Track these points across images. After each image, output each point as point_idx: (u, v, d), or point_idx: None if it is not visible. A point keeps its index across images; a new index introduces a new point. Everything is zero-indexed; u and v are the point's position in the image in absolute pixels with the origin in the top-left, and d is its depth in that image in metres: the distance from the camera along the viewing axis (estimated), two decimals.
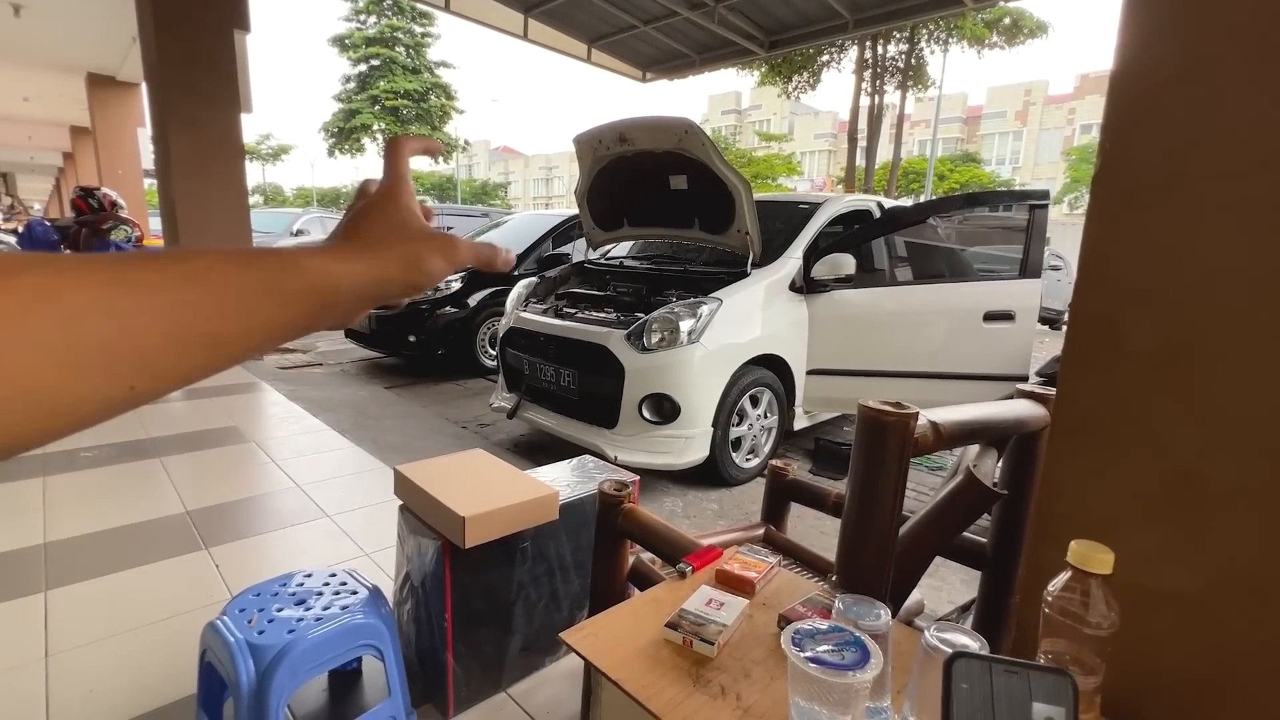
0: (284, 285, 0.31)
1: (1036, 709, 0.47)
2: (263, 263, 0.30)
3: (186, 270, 0.27)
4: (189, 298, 0.27)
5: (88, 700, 1.52)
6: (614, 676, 0.71)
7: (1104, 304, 0.68)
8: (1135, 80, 0.65)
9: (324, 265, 0.32)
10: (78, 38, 7.24)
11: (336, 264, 0.33)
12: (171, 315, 0.26)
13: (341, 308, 0.34)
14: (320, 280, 0.32)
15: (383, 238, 0.37)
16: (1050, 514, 0.76)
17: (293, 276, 0.31)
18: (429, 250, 0.38)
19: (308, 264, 0.32)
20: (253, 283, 0.29)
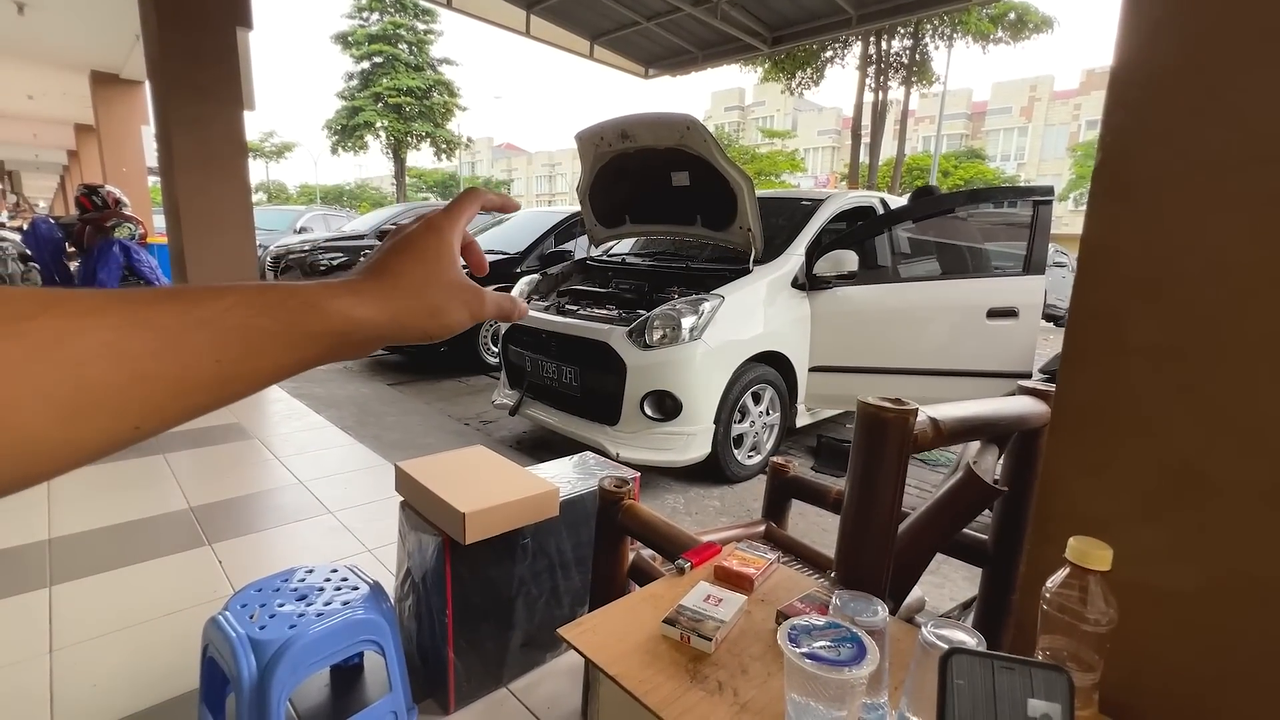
0: (302, 328, 0.30)
1: (1032, 705, 0.47)
2: (285, 305, 0.30)
3: (203, 314, 0.27)
4: (203, 342, 0.27)
5: (91, 695, 1.53)
6: (611, 672, 0.71)
7: (1104, 299, 0.68)
8: (1135, 75, 0.64)
9: (347, 309, 0.32)
10: (81, 35, 7.26)
11: (359, 309, 0.32)
12: (183, 360, 0.26)
13: (352, 349, 0.33)
14: (339, 324, 0.32)
15: (413, 281, 0.36)
16: (1049, 511, 0.75)
17: (314, 319, 0.31)
18: (456, 304, 0.37)
19: (330, 307, 0.31)
20: (270, 326, 0.29)
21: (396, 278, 0.35)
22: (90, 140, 11.01)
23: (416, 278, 0.36)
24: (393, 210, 9.25)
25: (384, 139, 28.16)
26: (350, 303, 0.32)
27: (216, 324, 0.27)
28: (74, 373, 0.23)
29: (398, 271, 0.36)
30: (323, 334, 0.31)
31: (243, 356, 0.28)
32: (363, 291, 0.33)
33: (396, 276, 0.35)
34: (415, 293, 0.35)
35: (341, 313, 0.32)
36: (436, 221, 0.38)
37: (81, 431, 0.24)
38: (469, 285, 0.38)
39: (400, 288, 0.35)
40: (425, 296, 0.36)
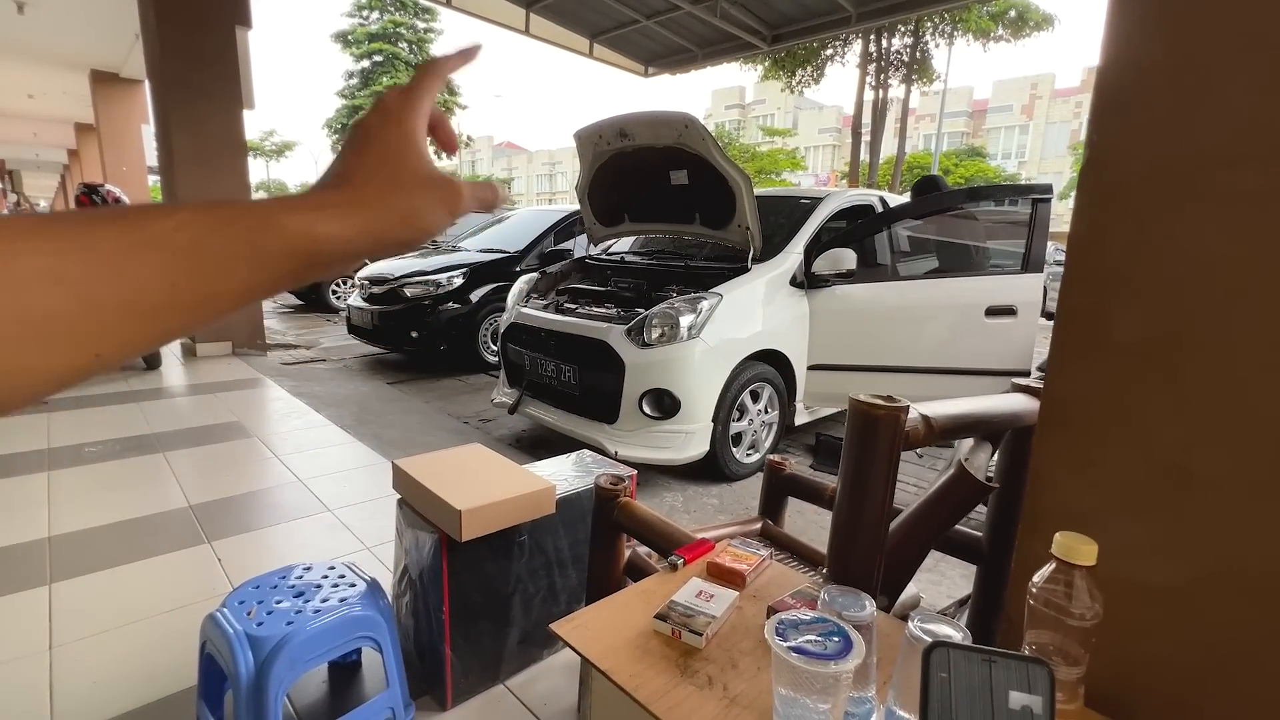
0: (262, 247, 0.28)
1: (1013, 697, 0.47)
2: (239, 223, 0.27)
3: (149, 233, 0.25)
4: (153, 264, 0.25)
5: (91, 691, 1.54)
6: (602, 666, 0.72)
7: (1091, 296, 0.68)
8: (1122, 73, 0.65)
9: (308, 226, 0.29)
10: (81, 35, 7.26)
11: (322, 224, 0.29)
12: (133, 283, 0.24)
13: (325, 268, 0.31)
14: (303, 243, 0.29)
15: (380, 186, 0.32)
16: (1038, 507, 0.76)
17: (272, 237, 0.28)
18: (431, 203, 0.33)
19: (289, 224, 0.28)
20: (225, 246, 0.27)
21: (361, 185, 0.32)
22: (90, 139, 11.02)
23: (382, 181, 0.32)
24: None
25: None
26: (313, 219, 0.29)
27: (165, 244, 0.25)
28: (14, 300, 0.22)
29: (362, 177, 0.32)
30: (287, 253, 0.29)
31: (200, 278, 0.26)
32: (326, 205, 0.30)
33: (361, 183, 0.32)
34: (384, 199, 0.32)
35: (304, 230, 0.29)
36: (394, 108, 0.34)
37: (34, 360, 0.23)
38: (442, 179, 0.34)
39: (367, 196, 0.32)
40: (396, 201, 0.32)
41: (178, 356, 5.38)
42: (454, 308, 5.13)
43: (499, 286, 5.17)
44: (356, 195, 0.31)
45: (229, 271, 0.27)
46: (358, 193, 0.31)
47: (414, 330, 5.09)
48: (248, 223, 0.28)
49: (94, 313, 0.24)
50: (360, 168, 0.32)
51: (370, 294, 5.35)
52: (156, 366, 4.83)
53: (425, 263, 5.41)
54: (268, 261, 0.28)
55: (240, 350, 5.57)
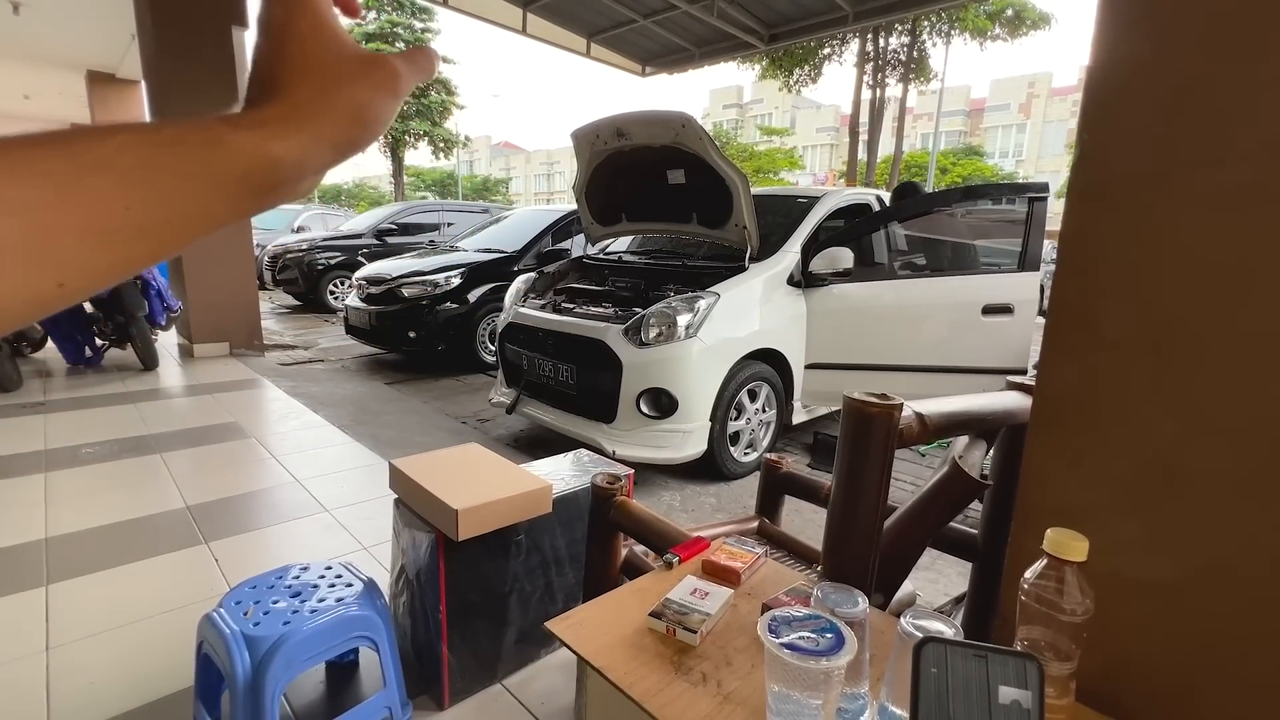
0: (212, 168, 0.27)
1: (1003, 691, 0.48)
2: (183, 141, 0.26)
3: (94, 155, 0.24)
4: (101, 186, 0.24)
5: (88, 692, 1.54)
6: (597, 664, 0.72)
7: (1082, 293, 0.69)
8: (1111, 71, 0.65)
9: (256, 146, 0.28)
10: (77, 35, 7.24)
11: (273, 143, 0.28)
12: (84, 207, 0.23)
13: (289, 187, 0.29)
14: (255, 163, 0.28)
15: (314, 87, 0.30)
16: (1030, 503, 0.76)
17: (220, 157, 0.27)
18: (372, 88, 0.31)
19: (235, 141, 0.27)
20: (173, 165, 0.26)
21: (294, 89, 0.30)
22: None
23: (315, 80, 0.30)
24: (391, 209, 9.25)
25: (381, 138, 28.10)
26: (259, 136, 0.28)
27: (113, 166, 0.24)
28: None
29: (292, 82, 0.30)
30: (244, 174, 0.27)
31: (155, 201, 0.25)
32: (269, 122, 0.28)
33: (294, 88, 0.30)
34: (324, 100, 0.30)
35: (254, 150, 0.27)
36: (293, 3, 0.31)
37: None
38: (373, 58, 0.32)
39: (304, 102, 0.29)
40: (337, 99, 0.30)
41: (175, 357, 5.37)
42: (452, 308, 5.13)
43: (497, 286, 5.17)
44: (293, 103, 0.29)
45: (183, 192, 0.26)
46: (293, 99, 0.29)
47: (412, 330, 5.09)
48: (191, 140, 0.26)
49: (50, 238, 0.23)
50: (285, 71, 0.30)
51: (368, 294, 5.34)
52: (154, 367, 4.83)
53: (423, 263, 5.41)
54: (223, 183, 0.27)
55: (238, 351, 5.56)
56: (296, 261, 8.25)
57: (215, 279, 5.27)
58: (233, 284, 5.38)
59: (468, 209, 9.57)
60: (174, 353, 5.51)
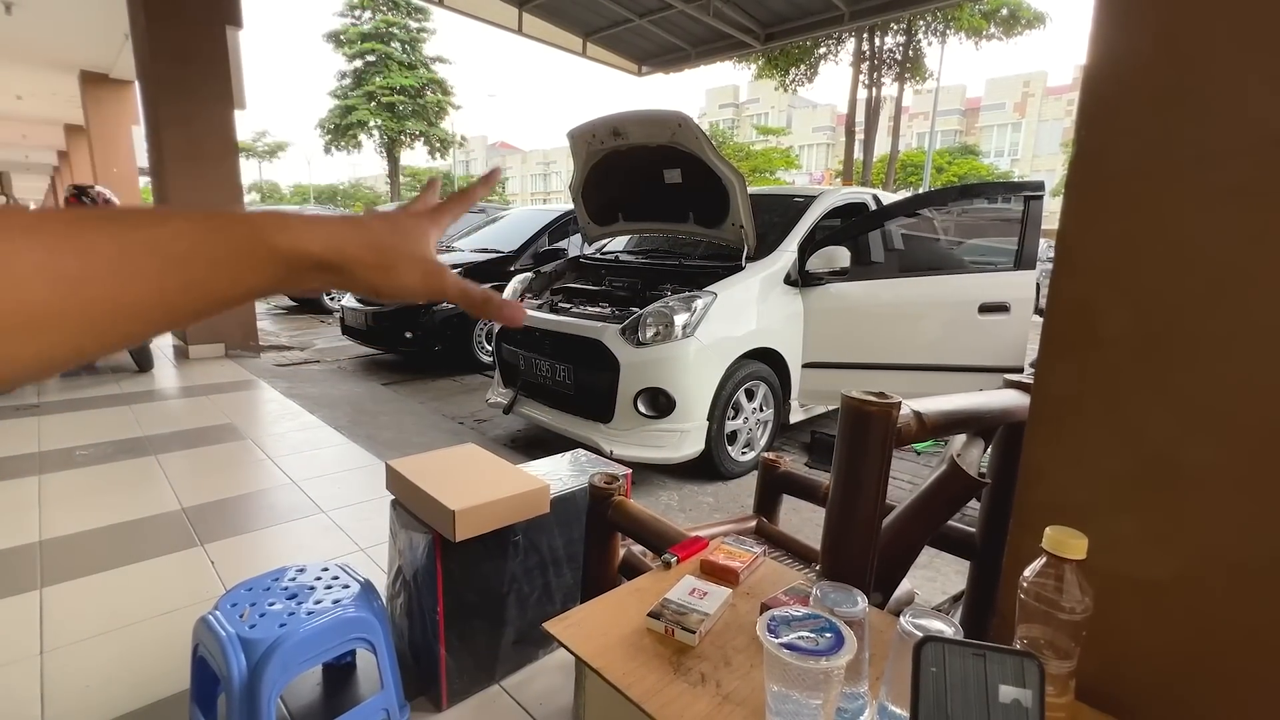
0: (250, 258, 0.30)
1: (1003, 691, 0.47)
2: (231, 234, 0.29)
3: (145, 239, 0.26)
4: (145, 268, 0.26)
5: (83, 695, 1.53)
6: (595, 665, 0.72)
7: (1080, 290, 0.69)
8: (1108, 68, 0.65)
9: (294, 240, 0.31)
10: (70, 35, 7.21)
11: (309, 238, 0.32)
12: (123, 285, 0.26)
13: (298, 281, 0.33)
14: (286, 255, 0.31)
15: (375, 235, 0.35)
16: (1029, 502, 0.76)
17: (260, 249, 0.30)
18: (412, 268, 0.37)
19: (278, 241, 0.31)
20: (216, 254, 0.28)
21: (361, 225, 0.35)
22: (80, 140, 10.94)
23: (381, 232, 0.36)
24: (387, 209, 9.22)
25: (377, 138, 28.06)
26: (302, 232, 0.31)
27: (157, 251, 0.27)
28: (9, 295, 0.23)
29: (364, 222, 0.36)
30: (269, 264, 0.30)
31: (185, 285, 0.28)
32: (318, 225, 0.33)
33: (361, 224, 0.35)
34: (373, 242, 0.35)
35: (291, 244, 0.31)
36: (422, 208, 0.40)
37: (16, 350, 0.23)
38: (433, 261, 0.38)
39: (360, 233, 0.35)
40: (383, 251, 0.35)
41: (170, 358, 5.35)
42: (448, 308, 5.11)
43: (494, 286, 5.13)
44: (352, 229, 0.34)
45: (215, 278, 0.29)
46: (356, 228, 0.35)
47: (408, 331, 5.08)
48: (239, 233, 0.30)
49: (84, 309, 0.25)
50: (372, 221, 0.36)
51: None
52: (149, 369, 4.80)
53: None
54: (249, 273, 0.30)
55: (233, 352, 5.54)
56: None
57: None
58: None
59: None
60: (169, 354, 5.49)
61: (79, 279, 0.24)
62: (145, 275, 0.26)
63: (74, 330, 0.25)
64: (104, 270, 0.25)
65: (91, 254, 0.25)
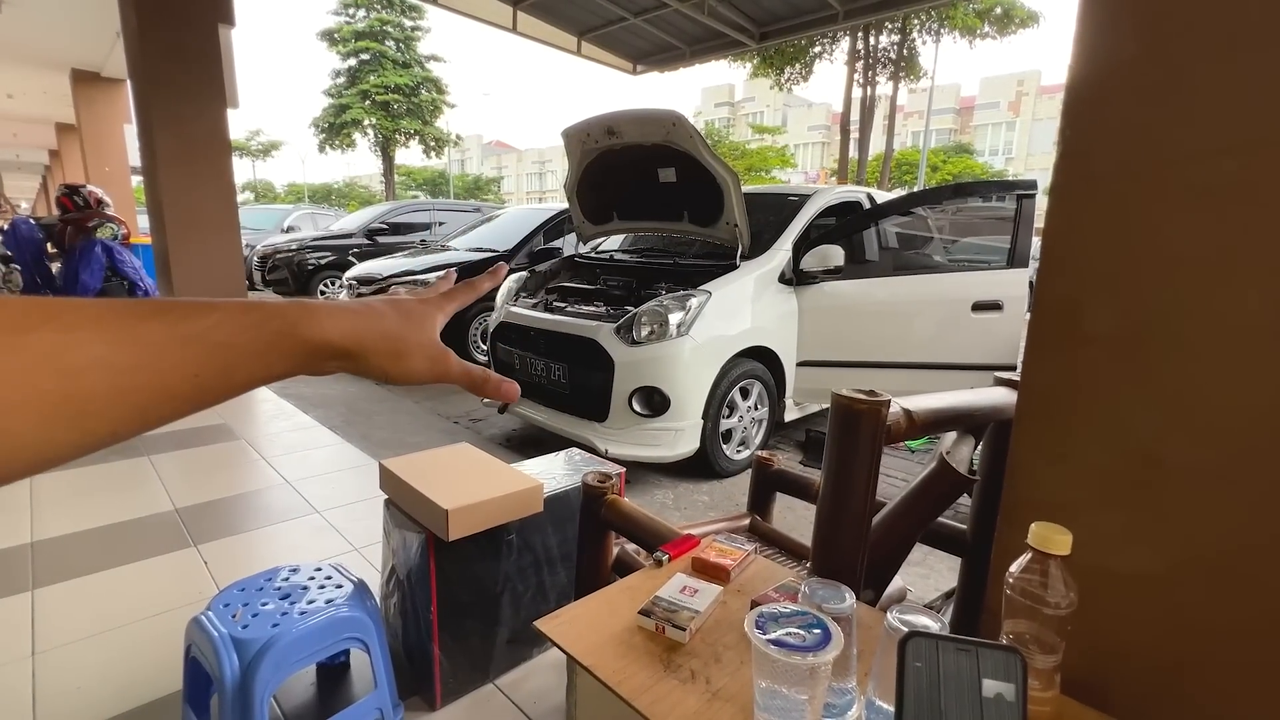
0: (279, 349, 0.32)
1: (987, 685, 0.48)
2: (266, 327, 0.32)
3: (189, 330, 0.28)
4: (185, 358, 0.28)
5: (75, 697, 1.52)
6: (586, 663, 0.72)
7: (1066, 288, 0.69)
8: (1094, 66, 0.65)
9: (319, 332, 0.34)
10: (61, 34, 7.16)
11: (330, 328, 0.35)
12: (165, 373, 0.27)
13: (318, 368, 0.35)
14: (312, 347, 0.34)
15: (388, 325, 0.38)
16: (1016, 498, 0.77)
17: (290, 341, 0.33)
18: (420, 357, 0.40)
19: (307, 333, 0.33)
20: (250, 345, 0.31)
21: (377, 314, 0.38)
22: (72, 139, 10.86)
23: (393, 321, 0.39)
24: (382, 208, 9.20)
25: (372, 137, 27.96)
26: (326, 323, 0.34)
27: (200, 340, 0.29)
28: (66, 383, 0.24)
29: (380, 311, 0.39)
30: (296, 354, 0.33)
31: (220, 371, 0.30)
32: (338, 314, 0.35)
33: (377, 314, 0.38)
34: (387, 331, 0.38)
35: (317, 335, 0.34)
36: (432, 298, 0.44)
37: (61, 435, 0.25)
38: (438, 346, 0.41)
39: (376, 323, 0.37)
40: (395, 339, 0.38)
41: None
42: None
43: None
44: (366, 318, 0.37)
45: (242, 367, 0.31)
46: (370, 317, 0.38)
47: None
48: (273, 326, 0.32)
49: (125, 397, 0.26)
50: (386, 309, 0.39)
51: (359, 294, 5.32)
52: None
53: (414, 262, 5.38)
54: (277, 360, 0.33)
55: None
56: (286, 261, 8.19)
57: (203, 279, 5.22)
58: (221, 284, 5.33)
59: (459, 208, 9.53)
60: None
61: (127, 368, 0.26)
62: (184, 364, 0.28)
63: (115, 416, 0.26)
64: (149, 359, 0.27)
65: (141, 345, 0.27)
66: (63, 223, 4.59)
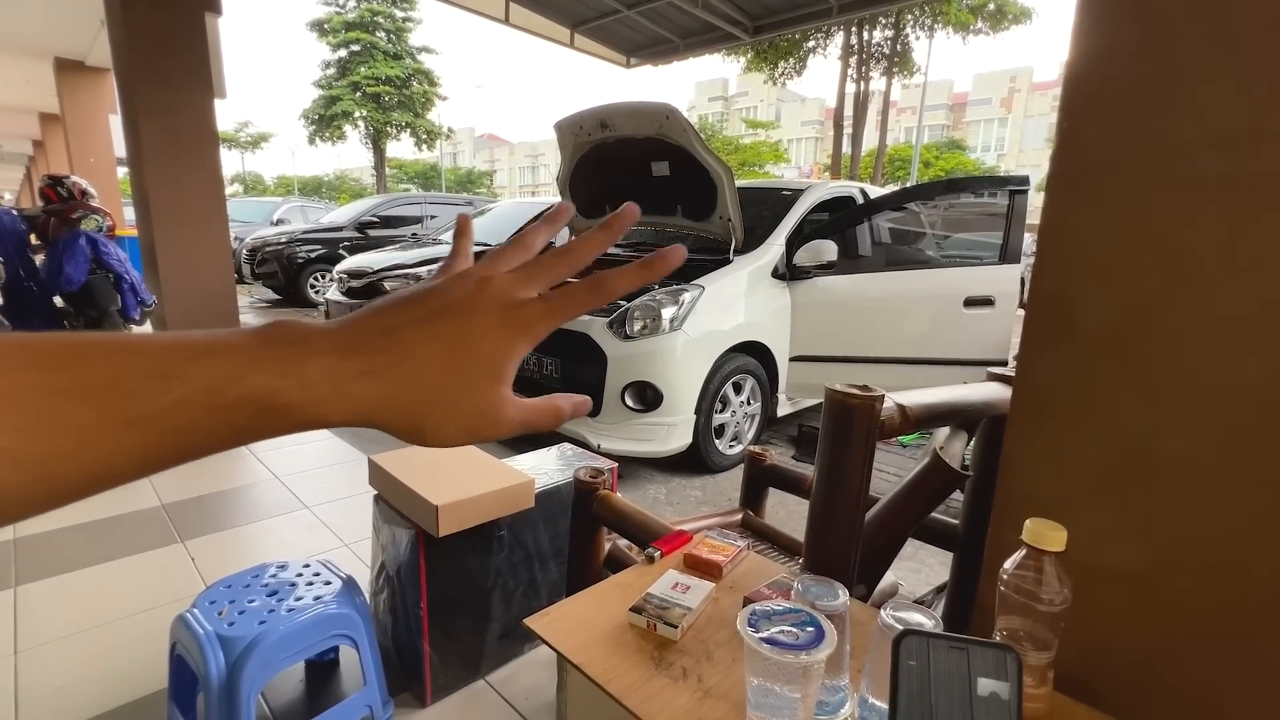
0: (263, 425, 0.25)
1: (981, 684, 0.47)
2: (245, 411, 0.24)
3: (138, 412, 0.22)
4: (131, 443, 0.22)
5: (58, 695, 1.50)
6: (576, 661, 0.71)
7: (1061, 283, 0.69)
8: (1092, 61, 0.64)
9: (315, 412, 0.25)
10: (43, 21, 7.02)
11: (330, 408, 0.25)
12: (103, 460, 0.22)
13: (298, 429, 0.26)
14: (300, 418, 0.25)
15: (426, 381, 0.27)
16: (1010, 494, 0.76)
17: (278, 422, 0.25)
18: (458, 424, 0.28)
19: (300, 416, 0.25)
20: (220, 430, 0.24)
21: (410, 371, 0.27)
22: (56, 129, 10.68)
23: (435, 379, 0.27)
24: (373, 201, 9.11)
25: (363, 129, 27.70)
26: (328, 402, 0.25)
27: (153, 425, 0.23)
28: None
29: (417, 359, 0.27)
30: (282, 429, 0.26)
31: (177, 454, 0.24)
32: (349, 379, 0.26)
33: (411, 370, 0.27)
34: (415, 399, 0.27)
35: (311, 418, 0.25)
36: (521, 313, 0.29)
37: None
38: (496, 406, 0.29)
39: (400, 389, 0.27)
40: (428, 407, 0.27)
41: None
42: None
43: None
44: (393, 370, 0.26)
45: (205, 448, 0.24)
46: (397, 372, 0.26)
47: None
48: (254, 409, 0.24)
49: (44, 487, 0.22)
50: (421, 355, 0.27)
51: (349, 288, 5.27)
52: None
53: (405, 256, 5.34)
54: (264, 433, 0.25)
55: None
56: (276, 254, 8.11)
57: (191, 272, 5.15)
58: (209, 277, 5.27)
59: (451, 201, 9.46)
60: None
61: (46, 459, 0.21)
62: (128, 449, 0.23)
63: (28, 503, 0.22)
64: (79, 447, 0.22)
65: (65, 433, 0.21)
66: (46, 214, 4.51)
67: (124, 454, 0.23)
